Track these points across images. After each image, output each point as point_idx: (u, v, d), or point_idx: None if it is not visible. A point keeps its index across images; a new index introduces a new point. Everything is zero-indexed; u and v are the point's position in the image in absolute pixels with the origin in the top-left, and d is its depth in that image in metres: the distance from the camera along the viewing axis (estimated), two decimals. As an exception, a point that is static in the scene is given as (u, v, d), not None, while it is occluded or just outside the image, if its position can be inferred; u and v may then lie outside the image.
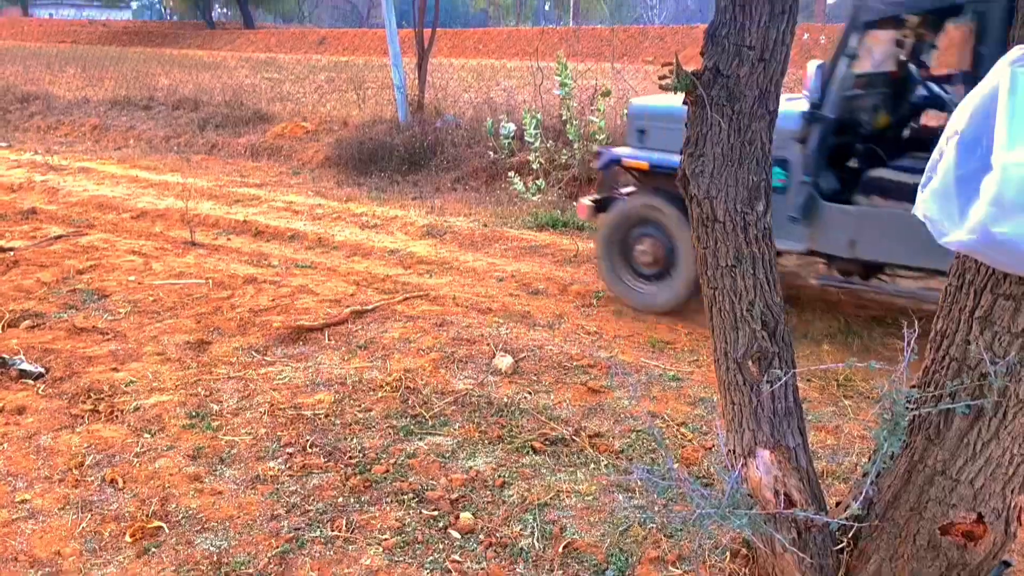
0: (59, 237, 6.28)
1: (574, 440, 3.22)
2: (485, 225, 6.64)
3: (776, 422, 1.93)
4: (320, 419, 3.43)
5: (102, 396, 3.69)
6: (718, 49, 1.78)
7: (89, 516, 2.77)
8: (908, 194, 1.95)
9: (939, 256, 2.40)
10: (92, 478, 3.01)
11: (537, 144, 7.25)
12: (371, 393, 3.66)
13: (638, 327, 4.57)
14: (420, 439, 3.25)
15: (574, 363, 3.97)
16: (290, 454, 3.17)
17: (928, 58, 4.50)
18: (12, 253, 5.79)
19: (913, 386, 1.85)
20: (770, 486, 1.94)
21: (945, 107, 4.32)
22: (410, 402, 3.55)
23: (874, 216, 3.96)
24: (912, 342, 1.70)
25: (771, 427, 1.93)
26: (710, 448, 3.16)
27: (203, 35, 36.96)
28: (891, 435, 1.76)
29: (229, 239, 6.49)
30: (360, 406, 3.54)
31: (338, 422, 3.41)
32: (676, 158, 2.00)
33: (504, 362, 3.87)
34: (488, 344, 4.16)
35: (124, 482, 2.99)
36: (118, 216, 7.19)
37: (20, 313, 4.75)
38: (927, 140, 3.93)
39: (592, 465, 3.05)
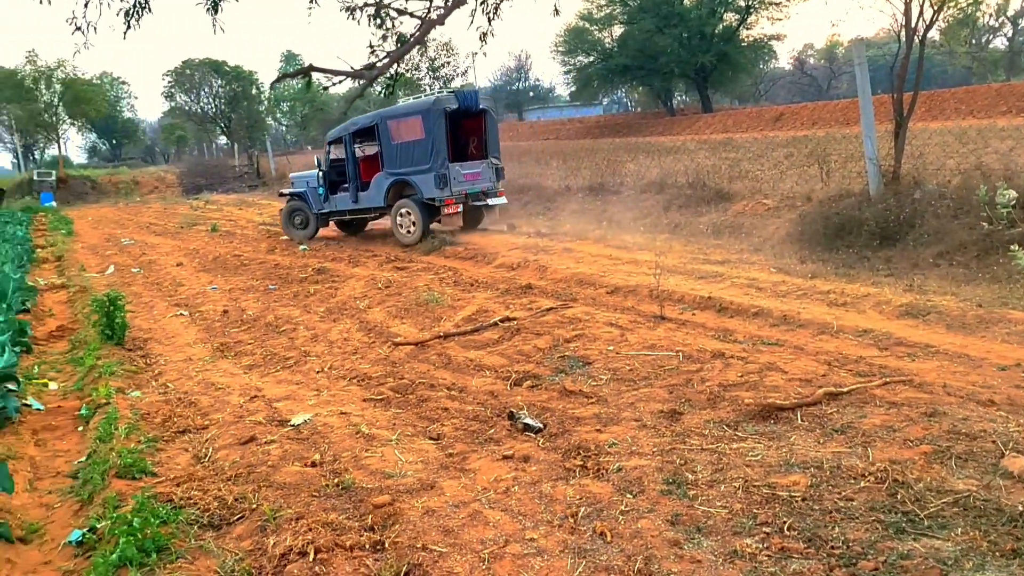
0: (549, 309, 7.14)
1: (1125, 571, 2.61)
2: (980, 305, 5.87)
3: None
4: (796, 501, 3.31)
5: (589, 454, 4.05)
6: None
7: (584, 563, 3.03)
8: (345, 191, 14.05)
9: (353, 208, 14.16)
10: (585, 528, 3.31)
11: (1047, 212, 6.23)
12: (851, 482, 3.43)
13: None
14: (914, 539, 2.94)
15: (1116, 475, 3.25)
16: (767, 534, 3.11)
17: (354, 151, 13.93)
18: (515, 322, 6.76)
19: None
20: None
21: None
22: (899, 496, 3.24)
23: (337, 199, 14.22)
24: None
25: None
26: None
27: (664, 122, 39.64)
28: None
29: (694, 314, 6.73)
30: (840, 494, 3.34)
31: (816, 507, 3.26)
32: (293, 189, 15.15)
33: (1018, 464, 3.32)
34: (993, 441, 3.62)
35: (611, 536, 3.22)
36: (595, 291, 7.94)
37: (522, 374, 5.50)
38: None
39: None
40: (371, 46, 6.18)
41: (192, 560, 3.30)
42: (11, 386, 5.94)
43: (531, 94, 78.92)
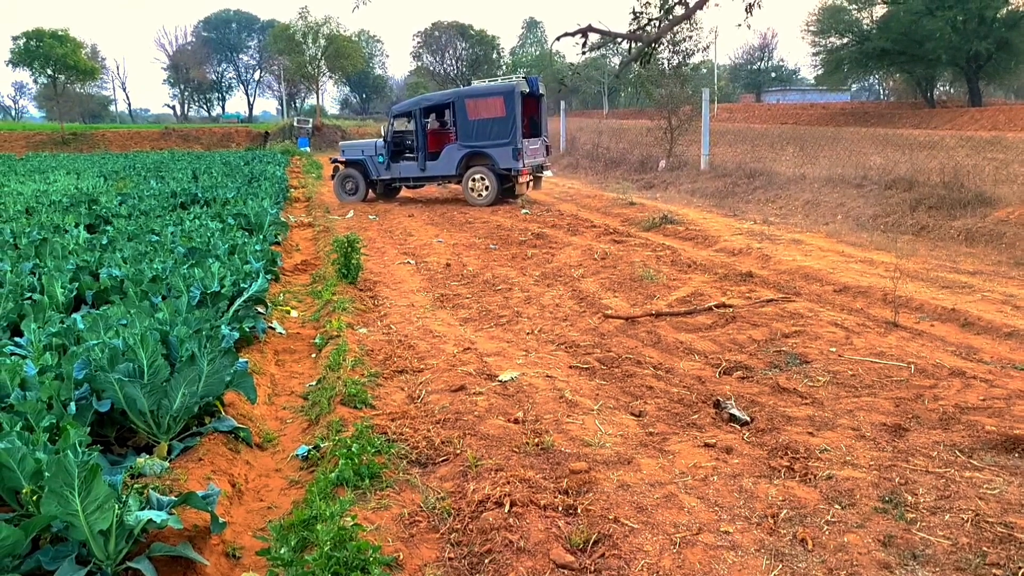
0: (769, 301, 6.82)
1: None
2: None
3: None
4: (1037, 549, 2.94)
5: (798, 456, 3.84)
6: None
7: (780, 567, 2.90)
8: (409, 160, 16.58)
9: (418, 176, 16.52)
10: (785, 531, 3.15)
11: None
12: (1110, 538, 2.99)
13: None
14: None
15: None
16: (995, 575, 2.80)
17: (424, 124, 16.37)
18: (731, 310, 6.53)
19: None
20: None
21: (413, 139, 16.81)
22: None
23: (401, 166, 16.51)
24: None
25: None
26: None
27: (920, 114, 36.20)
28: None
29: (932, 325, 6.14)
30: (1093, 549, 2.93)
31: (1061, 560, 2.88)
32: (347, 157, 17.12)
33: None
34: None
35: (813, 545, 3.05)
36: (821, 287, 7.47)
37: (733, 364, 5.31)
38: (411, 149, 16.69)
39: None
40: (634, 12, 6.15)
41: (399, 491, 3.53)
42: (260, 309, 6.65)
43: (772, 75, 75.03)
